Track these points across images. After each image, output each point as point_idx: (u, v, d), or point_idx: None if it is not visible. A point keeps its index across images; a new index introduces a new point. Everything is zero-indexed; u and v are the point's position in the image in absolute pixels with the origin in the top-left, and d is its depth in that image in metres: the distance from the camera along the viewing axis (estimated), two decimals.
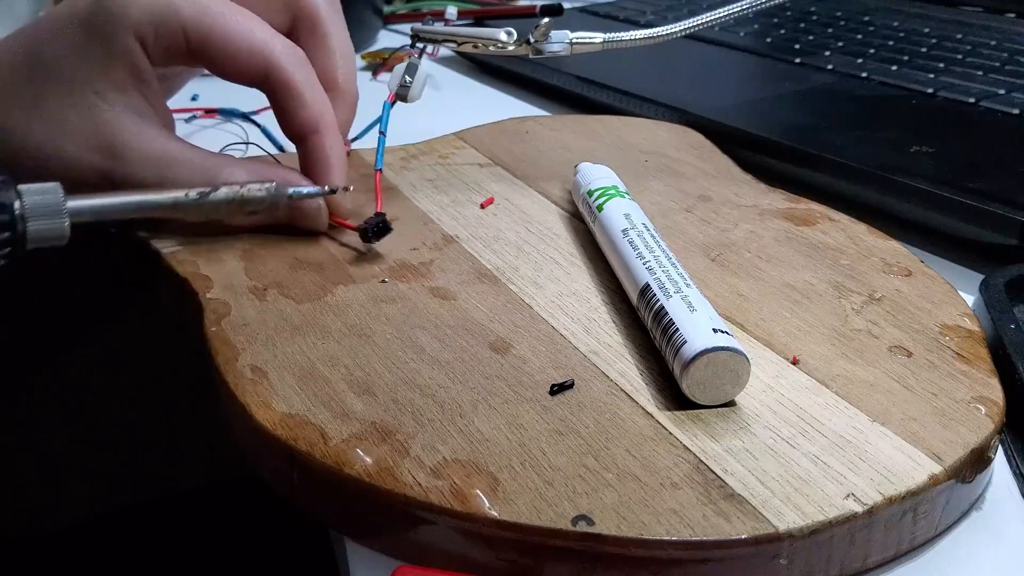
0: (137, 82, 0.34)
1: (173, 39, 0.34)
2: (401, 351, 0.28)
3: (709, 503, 0.22)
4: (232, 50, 0.34)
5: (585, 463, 0.24)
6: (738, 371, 0.26)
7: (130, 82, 0.34)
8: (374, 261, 0.34)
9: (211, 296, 0.31)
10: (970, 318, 0.30)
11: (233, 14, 0.34)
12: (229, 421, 0.27)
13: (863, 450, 0.24)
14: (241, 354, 0.28)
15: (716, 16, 0.42)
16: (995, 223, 0.35)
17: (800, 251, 0.35)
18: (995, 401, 0.26)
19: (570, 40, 0.40)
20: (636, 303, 0.30)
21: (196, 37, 0.34)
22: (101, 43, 0.33)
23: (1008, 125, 0.45)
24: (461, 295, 0.32)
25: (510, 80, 0.63)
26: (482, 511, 0.22)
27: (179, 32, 0.34)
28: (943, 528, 0.24)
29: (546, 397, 0.26)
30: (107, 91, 0.34)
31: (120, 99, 0.34)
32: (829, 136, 0.43)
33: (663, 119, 0.49)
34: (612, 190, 0.35)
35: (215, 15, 0.34)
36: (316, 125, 0.35)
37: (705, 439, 0.25)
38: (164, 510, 0.58)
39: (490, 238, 0.36)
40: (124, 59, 0.34)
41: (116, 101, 0.34)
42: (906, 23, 0.65)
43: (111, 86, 0.34)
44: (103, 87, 0.34)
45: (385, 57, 0.64)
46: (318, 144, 0.35)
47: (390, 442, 0.24)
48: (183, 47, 0.34)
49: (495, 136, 0.47)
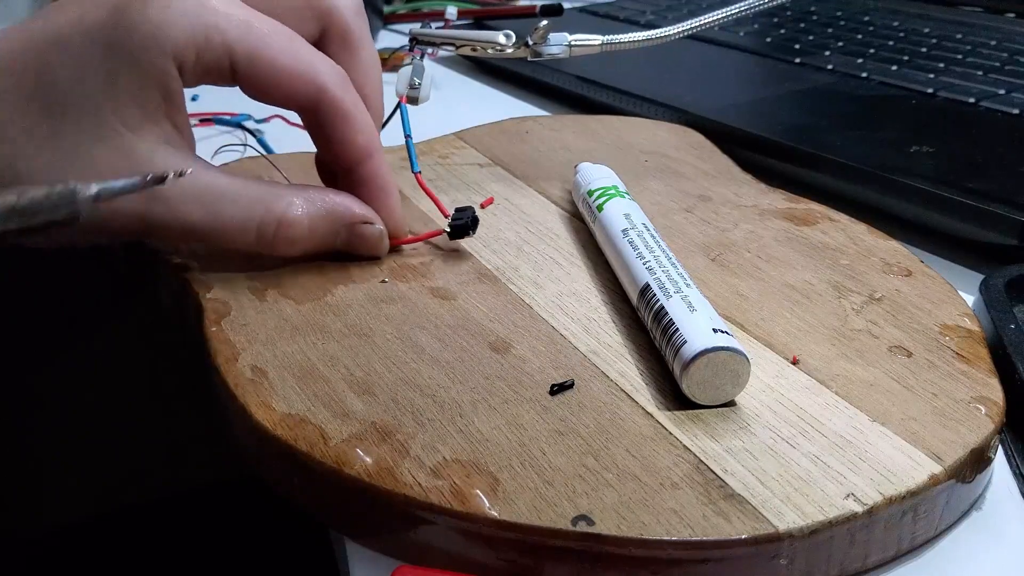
0: (170, 109, 0.31)
1: (216, 62, 0.30)
2: (401, 351, 0.28)
3: (709, 503, 0.22)
4: (280, 74, 0.31)
5: (585, 463, 0.24)
6: (738, 371, 0.26)
7: (163, 110, 0.30)
8: (374, 261, 0.34)
9: (211, 296, 0.31)
10: (970, 318, 0.30)
11: (278, 34, 0.31)
12: (229, 421, 0.27)
13: (863, 450, 0.24)
14: (241, 354, 0.28)
15: (716, 16, 0.42)
16: (995, 223, 0.35)
17: (800, 251, 0.35)
18: (995, 401, 0.26)
19: (569, 42, 0.40)
20: (636, 303, 0.30)
21: (243, 60, 0.31)
22: (132, 68, 0.30)
23: (1008, 125, 0.45)
24: (461, 295, 0.32)
25: (510, 80, 0.63)
26: (482, 511, 0.22)
27: (224, 54, 0.30)
28: (943, 528, 0.24)
29: (546, 397, 0.26)
30: (139, 122, 0.30)
31: (153, 131, 0.30)
32: (829, 136, 0.43)
33: (663, 119, 0.49)
34: (612, 190, 0.35)
35: (261, 34, 0.31)
36: (372, 150, 0.33)
37: (705, 439, 0.25)
38: (164, 510, 0.58)
39: (490, 238, 0.36)
40: (159, 86, 0.30)
41: (149, 133, 0.30)
42: (906, 23, 0.65)
43: (144, 116, 0.30)
44: (134, 118, 0.30)
45: (385, 57, 0.64)
46: (375, 170, 0.33)
47: (390, 442, 0.24)
48: (226, 70, 0.31)
49: (495, 136, 0.47)
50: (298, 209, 0.32)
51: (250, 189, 0.32)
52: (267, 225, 0.32)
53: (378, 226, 0.34)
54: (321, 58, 0.32)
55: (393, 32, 0.75)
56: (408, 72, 0.39)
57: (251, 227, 0.32)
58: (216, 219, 0.31)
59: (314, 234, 0.33)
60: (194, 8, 0.30)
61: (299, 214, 0.32)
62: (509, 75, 0.63)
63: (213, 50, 0.30)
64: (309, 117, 0.33)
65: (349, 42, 0.35)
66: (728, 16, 0.42)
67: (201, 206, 0.31)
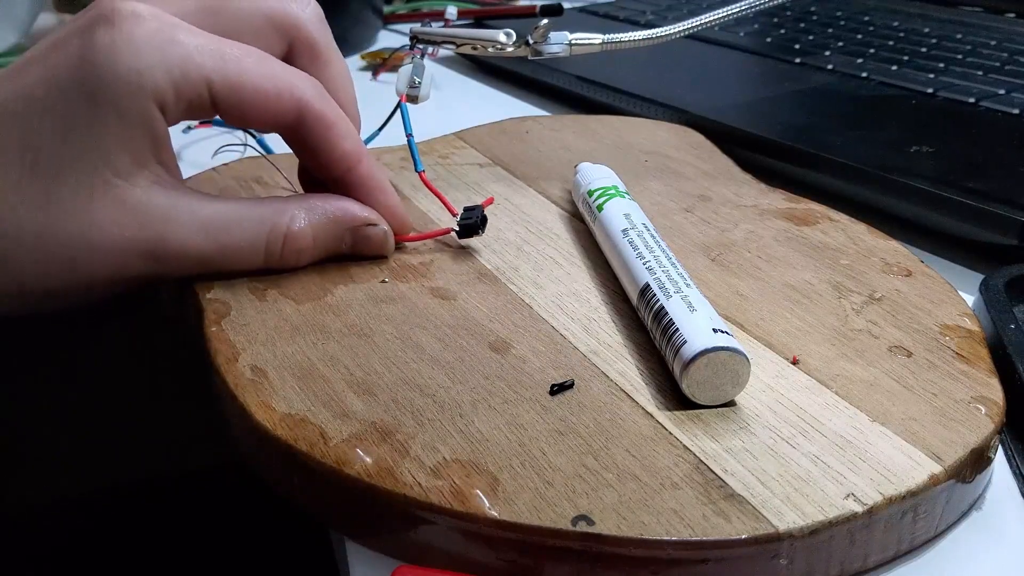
0: (158, 150, 0.30)
1: (195, 94, 0.30)
2: (401, 351, 0.28)
3: (709, 503, 0.22)
4: (261, 97, 0.31)
5: (585, 463, 0.24)
6: (738, 371, 0.26)
7: (150, 152, 0.30)
8: (374, 261, 0.34)
9: (211, 296, 0.31)
10: (970, 318, 0.30)
11: (249, 57, 0.31)
12: (229, 421, 0.27)
13: (863, 450, 0.24)
14: (241, 354, 0.28)
15: (716, 16, 0.42)
16: (995, 223, 0.35)
17: (800, 251, 0.35)
18: (995, 401, 0.26)
19: (569, 41, 0.40)
20: (636, 303, 0.30)
21: (223, 90, 0.30)
22: (115, 118, 0.29)
23: (1008, 125, 0.45)
24: (461, 295, 0.32)
25: (510, 80, 0.63)
26: (482, 511, 0.22)
27: (203, 87, 0.30)
28: (943, 528, 0.24)
29: (546, 397, 0.26)
30: (130, 169, 0.30)
31: (145, 175, 0.30)
32: (829, 136, 0.43)
33: (663, 119, 0.49)
34: (612, 190, 0.35)
35: (236, 61, 0.30)
36: (360, 154, 0.33)
37: (705, 439, 0.25)
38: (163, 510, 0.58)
39: (490, 238, 0.36)
40: (145, 130, 0.30)
41: (141, 178, 0.30)
42: (906, 23, 0.65)
43: (133, 162, 0.30)
44: (124, 166, 0.30)
45: (385, 57, 0.64)
46: (368, 172, 0.33)
47: (390, 442, 0.24)
48: (206, 103, 0.30)
49: (495, 136, 0.47)
50: (301, 221, 0.32)
51: (252, 210, 0.32)
52: (274, 243, 0.32)
53: (382, 226, 0.34)
54: (296, 73, 0.32)
55: (393, 32, 0.75)
56: (408, 71, 0.39)
57: (259, 248, 0.32)
58: (225, 247, 0.31)
59: (319, 243, 0.33)
60: (165, 46, 0.29)
61: (302, 226, 0.32)
62: (509, 75, 0.63)
63: (192, 85, 0.30)
64: (291, 134, 0.33)
65: (317, 53, 0.35)
66: (728, 16, 0.42)
67: (208, 237, 0.31)
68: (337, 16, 0.64)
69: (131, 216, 0.30)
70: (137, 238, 0.30)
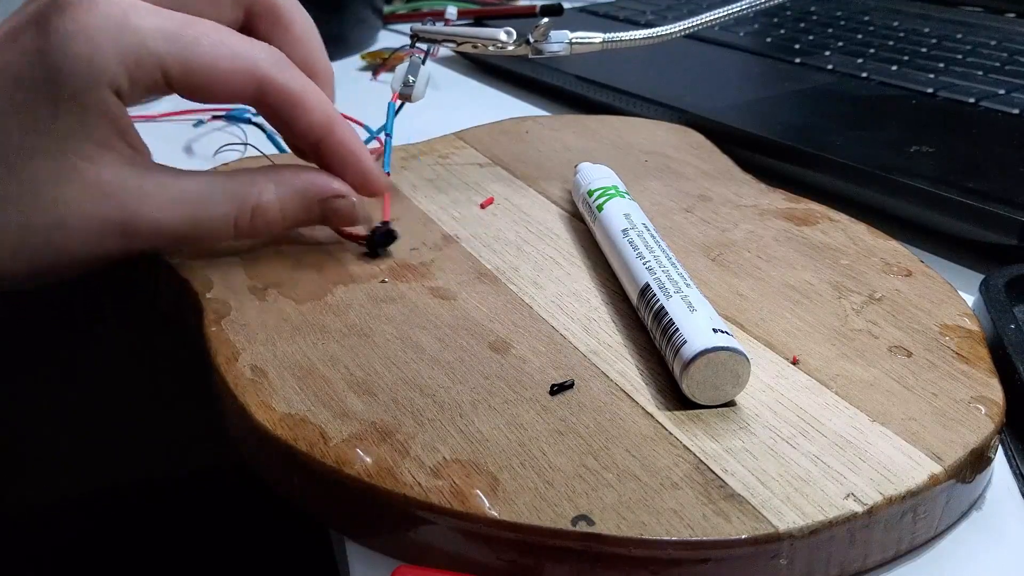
0: (118, 131, 0.31)
1: (150, 79, 0.30)
2: (401, 351, 0.28)
3: (709, 503, 0.22)
4: (216, 75, 0.31)
5: (585, 463, 0.24)
6: (738, 371, 0.26)
7: (113, 135, 0.31)
8: (374, 261, 0.34)
9: (211, 296, 0.31)
10: (970, 318, 0.30)
11: (205, 34, 0.31)
12: (229, 421, 0.27)
13: (863, 450, 0.24)
14: (241, 354, 0.28)
15: (716, 16, 0.42)
16: (995, 223, 0.35)
17: (800, 251, 0.35)
18: (995, 401, 0.26)
19: (569, 40, 0.40)
20: (636, 303, 0.30)
21: (176, 70, 0.31)
22: (74, 107, 0.30)
23: (1008, 125, 0.45)
24: (461, 295, 0.32)
25: (510, 80, 0.63)
26: (482, 511, 0.22)
27: (156, 70, 0.30)
28: (943, 528, 0.24)
29: (546, 397, 0.26)
30: (93, 154, 0.30)
31: (109, 156, 0.31)
32: (829, 136, 0.43)
33: (663, 119, 0.49)
34: (612, 190, 0.35)
35: (188, 40, 0.31)
36: (330, 123, 0.33)
37: (705, 439, 0.25)
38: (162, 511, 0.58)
39: (490, 238, 0.36)
40: (102, 115, 0.30)
41: (109, 160, 0.31)
42: (906, 23, 0.65)
43: (96, 147, 0.30)
44: (87, 151, 0.30)
45: (385, 57, 0.64)
46: (337, 141, 0.33)
47: (390, 442, 0.24)
48: (161, 83, 0.31)
49: (495, 136, 0.47)
50: (270, 194, 0.33)
51: (221, 184, 0.33)
52: (243, 216, 0.33)
53: (351, 198, 0.34)
54: (252, 45, 0.32)
55: (393, 32, 0.75)
56: (404, 68, 0.39)
57: (229, 221, 0.32)
58: (196, 220, 0.32)
59: (287, 215, 0.33)
60: (117, 33, 0.30)
61: (271, 199, 0.33)
62: (509, 75, 0.63)
63: (145, 69, 0.30)
64: (258, 107, 0.33)
65: (279, 17, 0.35)
66: (728, 16, 0.42)
67: (178, 212, 0.31)
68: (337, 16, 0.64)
69: (102, 196, 0.30)
70: (110, 217, 0.31)
